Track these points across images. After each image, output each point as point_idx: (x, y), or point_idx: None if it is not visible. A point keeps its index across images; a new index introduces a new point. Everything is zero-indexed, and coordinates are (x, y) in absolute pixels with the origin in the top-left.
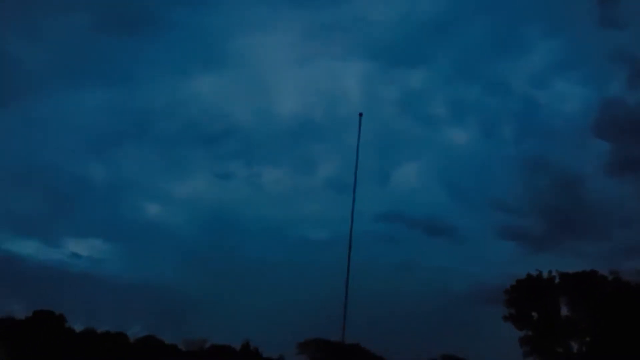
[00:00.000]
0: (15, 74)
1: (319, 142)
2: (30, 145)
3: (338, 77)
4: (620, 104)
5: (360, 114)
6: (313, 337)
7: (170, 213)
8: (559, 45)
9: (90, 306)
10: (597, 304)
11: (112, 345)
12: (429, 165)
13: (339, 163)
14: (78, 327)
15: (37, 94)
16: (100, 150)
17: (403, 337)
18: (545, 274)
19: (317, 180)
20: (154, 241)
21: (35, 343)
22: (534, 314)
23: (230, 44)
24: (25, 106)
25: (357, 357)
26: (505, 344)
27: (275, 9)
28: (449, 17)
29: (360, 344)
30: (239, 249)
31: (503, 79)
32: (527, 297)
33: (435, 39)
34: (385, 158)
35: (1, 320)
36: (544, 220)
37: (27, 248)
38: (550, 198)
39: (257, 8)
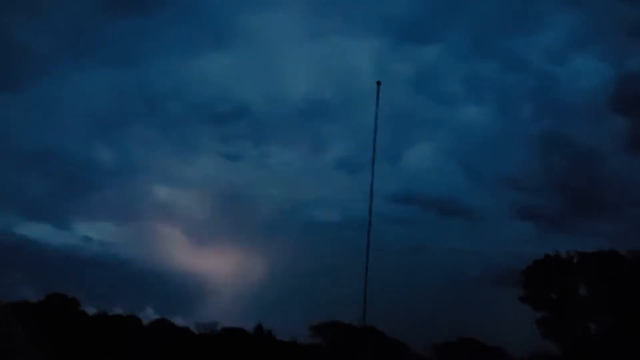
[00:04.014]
0: (21, 57)
1: (330, 121)
2: (38, 129)
3: (349, 54)
4: (639, 79)
5: (379, 83)
6: (327, 320)
7: (179, 195)
8: (576, 20)
9: (103, 289)
10: (616, 284)
11: (126, 329)
12: (443, 143)
13: (350, 143)
14: (91, 311)
15: (43, 77)
16: (109, 132)
17: (418, 320)
18: (563, 254)
19: (327, 160)
20: (164, 223)
21: (49, 326)
22: (552, 295)
23: (237, 22)
24: (32, 89)
25: (372, 340)
26: (522, 326)
27: None
28: None
29: (376, 327)
30: (248, 231)
31: (520, 55)
32: (545, 278)
33: (449, 14)
34: (398, 137)
35: (15, 304)
36: (561, 199)
37: (39, 232)
38: (567, 176)
39: None
